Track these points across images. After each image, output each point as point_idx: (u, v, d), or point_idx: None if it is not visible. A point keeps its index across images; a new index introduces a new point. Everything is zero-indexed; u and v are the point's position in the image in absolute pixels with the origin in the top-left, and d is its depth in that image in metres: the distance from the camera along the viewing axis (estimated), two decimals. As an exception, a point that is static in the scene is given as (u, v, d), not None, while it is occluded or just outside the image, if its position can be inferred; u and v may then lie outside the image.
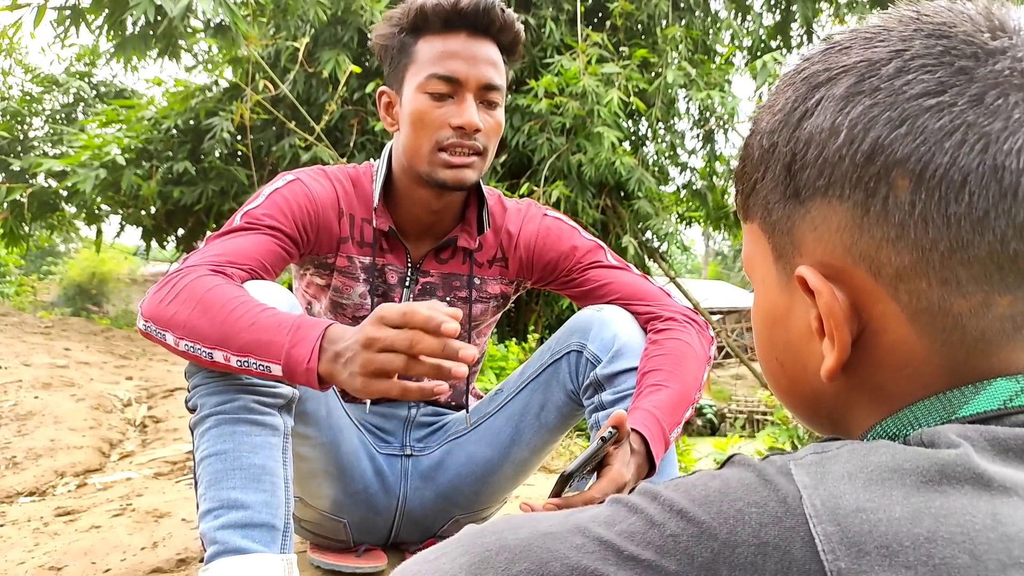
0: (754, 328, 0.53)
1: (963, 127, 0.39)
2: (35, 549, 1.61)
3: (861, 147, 0.41)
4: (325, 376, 0.93)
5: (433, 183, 1.21)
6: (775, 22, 8.08)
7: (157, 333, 1.03)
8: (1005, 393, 0.40)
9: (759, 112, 0.49)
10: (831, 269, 0.44)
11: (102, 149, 6.57)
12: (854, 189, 0.42)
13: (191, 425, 1.06)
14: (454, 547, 0.41)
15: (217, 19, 5.32)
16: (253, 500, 0.99)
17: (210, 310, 0.99)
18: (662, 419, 1.07)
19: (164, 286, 1.05)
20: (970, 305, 0.40)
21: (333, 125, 6.43)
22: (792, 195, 0.45)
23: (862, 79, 0.42)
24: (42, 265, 21.48)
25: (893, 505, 0.35)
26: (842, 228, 0.43)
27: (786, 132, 0.45)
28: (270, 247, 1.15)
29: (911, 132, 0.40)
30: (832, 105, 0.43)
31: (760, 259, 0.50)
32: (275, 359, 0.95)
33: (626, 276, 1.29)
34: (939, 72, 0.40)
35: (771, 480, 0.37)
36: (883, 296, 0.42)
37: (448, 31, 1.19)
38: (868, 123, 0.41)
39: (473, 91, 1.19)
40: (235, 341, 0.97)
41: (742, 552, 0.35)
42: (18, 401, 3.08)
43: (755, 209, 0.49)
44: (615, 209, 6.75)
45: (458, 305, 1.33)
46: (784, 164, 0.45)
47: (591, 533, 0.38)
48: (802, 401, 0.50)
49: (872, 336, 0.43)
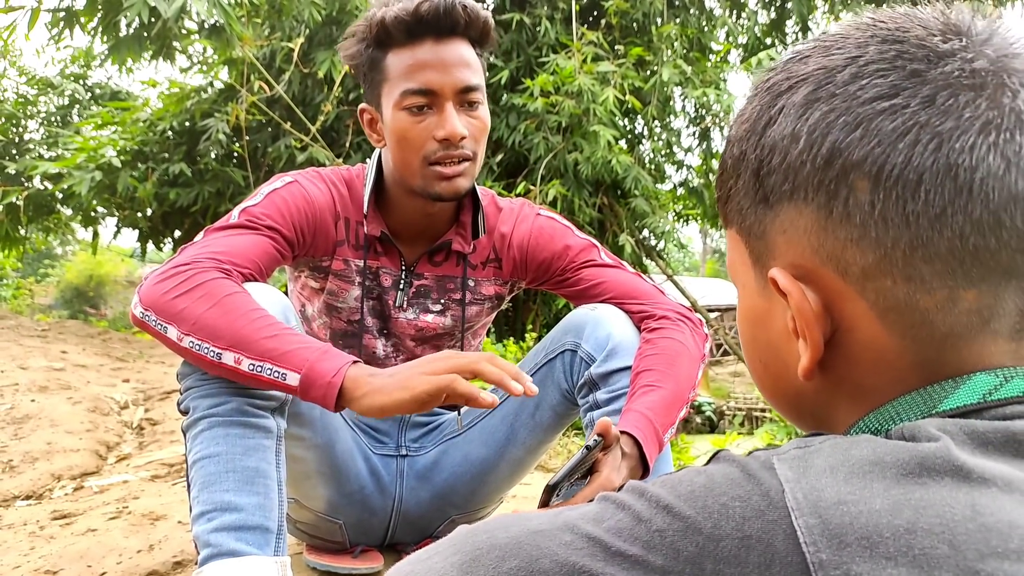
0: (739, 330, 0.54)
1: (916, 127, 0.40)
2: (31, 553, 1.61)
3: (820, 151, 0.43)
4: (353, 393, 0.94)
5: (428, 196, 1.20)
6: (770, 19, 8.10)
7: (157, 324, 1.01)
8: (984, 387, 0.41)
9: (732, 122, 0.51)
10: (801, 270, 0.45)
11: (97, 151, 6.57)
12: (816, 192, 0.43)
13: (184, 428, 1.06)
14: (446, 547, 0.42)
15: (211, 20, 5.31)
16: (246, 503, 0.99)
17: (231, 312, 0.98)
18: (655, 420, 1.07)
19: (171, 277, 1.02)
20: (936, 301, 0.41)
21: (329, 125, 6.43)
22: (762, 200, 0.47)
23: (819, 86, 0.44)
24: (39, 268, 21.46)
25: (874, 497, 0.35)
26: (809, 230, 0.44)
27: (753, 140, 0.47)
28: (267, 248, 1.14)
29: (866, 135, 0.41)
30: (792, 112, 0.44)
31: (740, 264, 0.51)
32: (295, 368, 0.95)
33: (620, 275, 1.29)
34: (892, 76, 0.42)
35: (754, 474, 0.38)
36: (852, 295, 0.43)
37: (414, 40, 1.16)
38: (826, 128, 0.43)
39: (451, 98, 1.16)
40: (255, 346, 0.96)
41: (726, 546, 0.36)
42: (15, 404, 3.08)
43: (732, 215, 0.51)
44: (612, 207, 6.75)
45: (453, 307, 1.33)
46: (753, 171, 0.47)
47: (580, 530, 0.39)
48: (786, 400, 0.51)
49: (845, 335, 0.44)
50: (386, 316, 1.32)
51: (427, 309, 1.32)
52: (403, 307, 1.31)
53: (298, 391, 0.95)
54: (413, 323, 1.32)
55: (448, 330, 1.34)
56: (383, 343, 1.33)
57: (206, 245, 1.09)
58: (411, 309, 1.31)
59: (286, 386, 0.96)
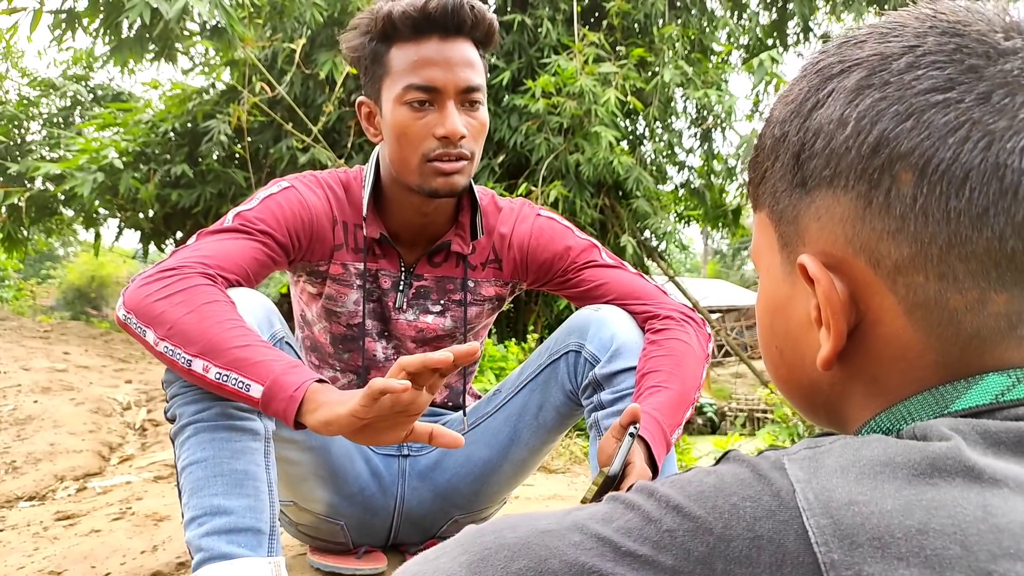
0: (757, 317, 0.53)
1: (968, 124, 0.39)
2: (35, 553, 1.61)
3: (867, 139, 0.42)
4: (307, 407, 0.92)
5: (425, 193, 1.19)
6: (771, 20, 8.10)
7: (137, 328, 1.01)
8: (997, 387, 0.41)
9: (775, 102, 0.50)
10: (832, 259, 0.44)
11: (99, 152, 6.58)
12: (858, 180, 0.42)
13: (171, 435, 1.06)
14: (454, 547, 0.42)
15: (213, 21, 5.32)
16: (236, 505, 0.98)
17: (206, 320, 0.98)
18: (663, 421, 1.07)
19: (155, 281, 1.02)
20: (966, 301, 0.41)
21: (330, 126, 6.43)
22: (799, 184, 0.46)
23: (873, 72, 0.43)
24: (41, 269, 21.48)
25: (885, 498, 0.35)
26: (844, 219, 0.44)
27: (797, 122, 0.46)
28: (257, 255, 1.14)
29: (917, 126, 0.40)
30: (842, 97, 0.44)
31: (766, 248, 0.51)
32: (260, 380, 0.94)
33: (622, 275, 1.29)
34: (949, 69, 0.41)
35: (765, 475, 0.37)
36: (881, 288, 0.43)
37: (419, 36, 1.16)
38: (876, 116, 0.42)
39: (453, 97, 1.16)
40: (224, 355, 0.96)
41: (737, 546, 0.35)
42: (17, 406, 3.08)
43: (764, 198, 0.50)
44: (613, 208, 6.75)
45: (452, 308, 1.33)
46: (793, 153, 0.46)
47: (589, 530, 0.38)
48: (799, 391, 0.51)
49: (868, 327, 0.44)
50: (386, 318, 1.31)
51: (427, 310, 1.32)
52: (402, 308, 1.31)
53: (260, 403, 0.94)
54: (413, 324, 1.31)
55: (449, 331, 1.34)
56: (383, 345, 1.33)
57: (196, 249, 1.09)
58: (411, 310, 1.31)
59: (248, 397, 0.95)
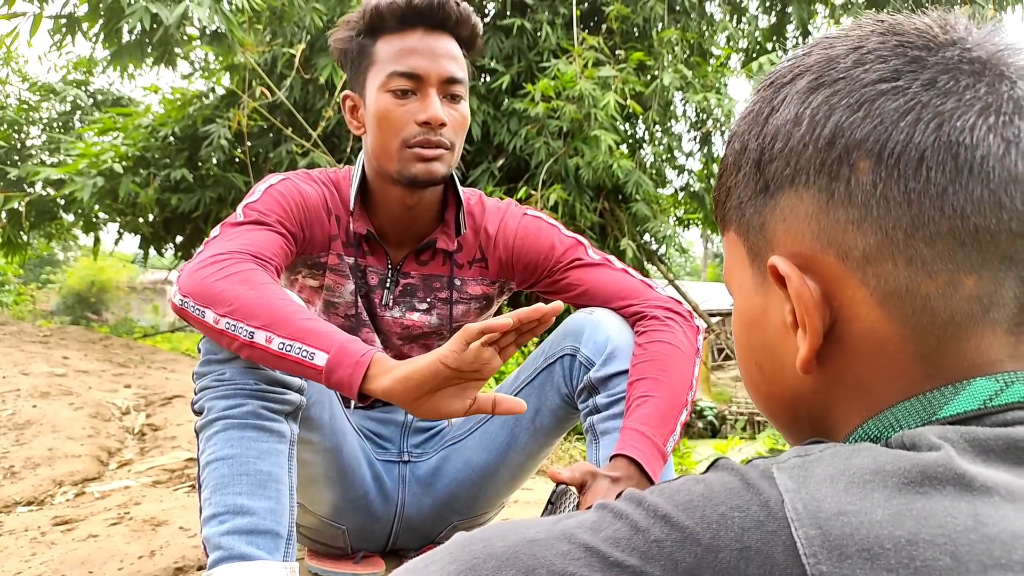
0: (734, 337, 0.54)
1: (917, 107, 0.41)
2: (32, 559, 1.61)
3: (823, 132, 0.43)
4: (373, 371, 0.95)
5: (404, 180, 1.21)
6: (771, 24, 8.10)
7: (195, 310, 1.03)
8: (985, 393, 0.41)
9: (733, 123, 0.51)
10: (801, 259, 0.45)
11: (99, 157, 6.57)
12: (818, 174, 0.44)
13: (197, 428, 1.06)
14: (443, 555, 0.41)
15: (213, 27, 5.32)
16: (259, 507, 0.99)
17: (265, 296, 1.01)
18: (653, 435, 1.07)
19: (209, 266, 1.05)
20: (937, 286, 0.41)
21: (330, 131, 6.43)
22: (762, 190, 0.47)
23: (822, 73, 0.45)
24: (41, 274, 21.48)
25: (874, 508, 0.35)
26: (809, 216, 0.44)
27: (755, 131, 0.47)
28: (282, 244, 1.17)
29: (869, 115, 0.42)
30: (795, 99, 0.45)
31: (737, 266, 0.51)
32: (325, 348, 0.96)
33: (607, 273, 1.28)
34: (893, 61, 0.43)
35: (753, 484, 0.37)
36: (852, 281, 0.43)
37: (405, 29, 1.21)
38: (828, 110, 0.43)
39: (436, 86, 1.20)
40: (288, 325, 0.98)
41: (724, 557, 0.35)
42: (16, 410, 3.08)
43: (731, 214, 0.50)
44: (613, 212, 6.75)
45: (438, 306, 1.33)
46: (754, 161, 0.47)
47: (577, 539, 0.38)
48: (782, 404, 0.50)
49: (844, 324, 0.44)
50: (373, 314, 1.33)
51: (413, 308, 1.33)
52: (389, 305, 1.32)
53: (323, 371, 0.96)
54: (399, 321, 1.33)
55: (435, 328, 1.34)
56: (374, 338, 1.35)
57: (231, 239, 1.11)
58: (397, 307, 1.32)
59: (312, 366, 0.97)
